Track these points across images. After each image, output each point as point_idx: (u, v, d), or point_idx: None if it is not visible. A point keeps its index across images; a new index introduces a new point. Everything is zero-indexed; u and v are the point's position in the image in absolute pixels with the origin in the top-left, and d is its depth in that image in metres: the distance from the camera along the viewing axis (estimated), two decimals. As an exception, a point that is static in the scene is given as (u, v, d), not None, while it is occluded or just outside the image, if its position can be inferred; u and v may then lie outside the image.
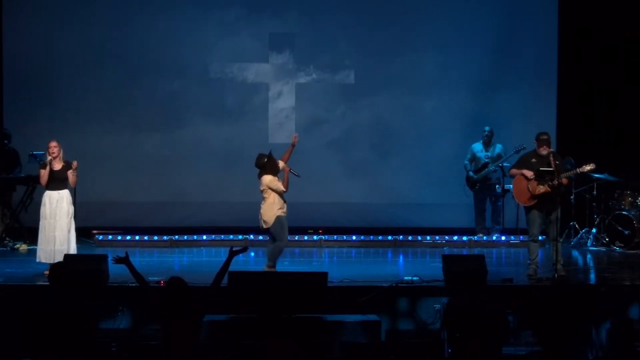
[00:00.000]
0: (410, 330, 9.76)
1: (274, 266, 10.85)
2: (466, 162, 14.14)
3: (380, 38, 14.91)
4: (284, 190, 10.88)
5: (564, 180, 10.76)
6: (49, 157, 11.00)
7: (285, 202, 10.93)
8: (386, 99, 15.00)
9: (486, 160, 13.98)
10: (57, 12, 14.65)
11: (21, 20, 14.60)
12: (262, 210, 10.91)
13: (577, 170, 10.76)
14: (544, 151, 10.77)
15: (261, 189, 10.92)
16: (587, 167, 10.78)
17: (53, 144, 11.06)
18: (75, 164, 11.07)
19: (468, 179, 14.12)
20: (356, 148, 14.96)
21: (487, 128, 14.06)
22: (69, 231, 10.98)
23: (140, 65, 14.73)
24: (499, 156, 13.98)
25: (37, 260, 10.97)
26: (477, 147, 14.12)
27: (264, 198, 10.91)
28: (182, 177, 14.78)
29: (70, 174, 11.03)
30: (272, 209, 10.84)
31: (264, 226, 10.94)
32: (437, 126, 14.91)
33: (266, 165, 10.92)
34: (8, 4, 14.64)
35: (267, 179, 10.88)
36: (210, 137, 14.88)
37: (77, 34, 14.62)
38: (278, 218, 10.84)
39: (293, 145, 11.31)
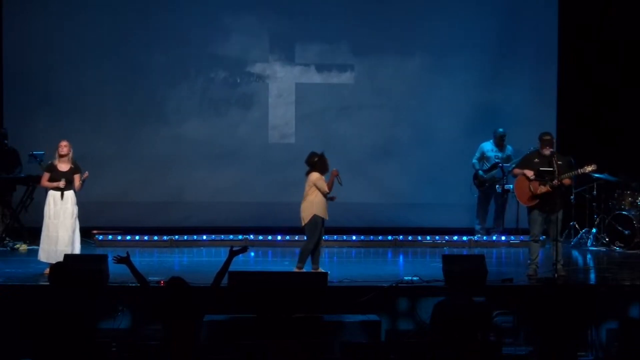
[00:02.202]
0: (410, 330, 9.75)
1: (302, 267, 10.85)
2: (474, 160, 14.13)
3: (380, 38, 14.91)
4: (327, 191, 10.89)
5: (566, 181, 10.75)
6: (57, 160, 10.99)
7: (327, 203, 10.91)
8: (386, 98, 15.00)
9: (496, 160, 13.97)
10: (57, 12, 14.65)
11: (21, 20, 14.60)
12: (302, 207, 10.92)
13: (579, 170, 10.75)
14: (546, 152, 10.78)
15: (306, 186, 10.92)
16: (588, 168, 10.77)
17: (64, 142, 11.08)
18: (86, 174, 11.10)
19: (477, 177, 14.11)
20: (356, 148, 14.95)
21: (500, 130, 14.02)
22: (73, 232, 10.99)
23: (140, 65, 14.73)
24: (509, 157, 13.98)
25: (39, 258, 10.98)
26: (487, 146, 14.10)
27: (306, 195, 10.90)
28: (182, 177, 14.78)
29: (77, 178, 11.03)
30: (311, 206, 10.85)
31: (302, 223, 10.96)
32: (437, 126, 14.91)
33: (316, 163, 10.94)
34: (8, 4, 14.64)
35: (315, 176, 10.90)
36: (211, 137, 14.88)
37: (76, 34, 14.62)
38: (315, 217, 10.84)
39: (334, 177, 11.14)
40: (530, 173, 10.76)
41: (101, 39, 14.63)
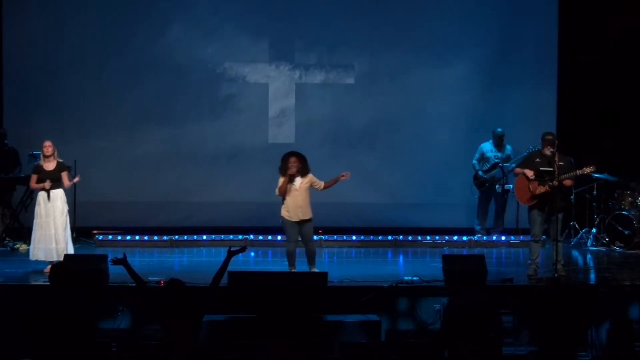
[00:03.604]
0: (410, 330, 9.76)
1: (291, 269, 10.85)
2: (474, 161, 14.14)
3: (381, 38, 14.91)
4: (277, 192, 10.86)
5: (567, 182, 10.75)
6: (43, 160, 11.06)
7: (296, 205, 10.75)
8: (386, 99, 15.00)
9: (496, 160, 13.98)
10: (57, 12, 14.65)
11: (21, 20, 14.60)
12: None
13: (578, 171, 10.75)
14: (548, 151, 10.77)
15: None
16: (587, 169, 10.77)
17: (47, 143, 11.22)
18: (77, 178, 11.17)
19: (477, 177, 14.11)
20: (356, 148, 14.96)
21: (499, 130, 14.03)
22: (64, 229, 11.02)
23: (140, 65, 14.73)
24: (508, 157, 13.98)
25: (32, 258, 11.02)
26: (487, 146, 14.11)
27: None
28: (182, 177, 14.78)
29: (65, 176, 11.10)
30: (281, 208, 10.88)
31: None
32: (437, 126, 14.91)
33: (281, 164, 10.94)
34: (8, 4, 14.64)
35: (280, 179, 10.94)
36: (211, 137, 14.89)
37: (76, 34, 14.62)
38: (282, 218, 10.87)
39: (337, 180, 11.09)
40: (530, 173, 10.76)
41: (101, 39, 14.63)
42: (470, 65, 14.87)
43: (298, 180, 10.80)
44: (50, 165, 11.13)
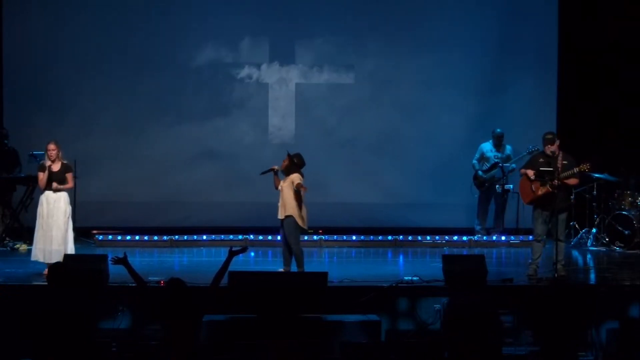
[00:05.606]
0: (410, 330, 9.76)
1: (298, 268, 10.86)
2: (474, 161, 14.15)
3: (381, 38, 14.92)
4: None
5: (572, 181, 10.74)
6: (48, 161, 10.96)
7: (280, 203, 10.83)
8: (386, 99, 15.00)
9: (496, 160, 13.98)
10: (57, 12, 14.66)
11: (21, 20, 14.60)
12: None
13: (575, 169, 10.75)
14: (549, 150, 10.77)
15: None
16: (584, 167, 10.75)
17: (51, 146, 10.99)
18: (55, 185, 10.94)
19: (477, 177, 14.11)
20: (356, 148, 14.96)
21: (498, 130, 14.04)
22: (66, 231, 10.98)
23: (139, 65, 14.73)
24: (508, 157, 13.99)
25: (33, 259, 10.96)
26: (487, 147, 14.12)
27: None
28: (182, 177, 14.77)
29: (70, 177, 11.01)
30: None
31: None
32: (437, 126, 14.92)
33: None
34: (8, 4, 14.64)
35: None
36: (210, 137, 14.88)
37: (76, 34, 14.62)
38: None
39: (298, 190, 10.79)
40: (531, 173, 10.76)
41: (101, 39, 14.63)
42: (470, 65, 14.87)
43: (282, 180, 10.89)
44: (55, 166, 11.06)
